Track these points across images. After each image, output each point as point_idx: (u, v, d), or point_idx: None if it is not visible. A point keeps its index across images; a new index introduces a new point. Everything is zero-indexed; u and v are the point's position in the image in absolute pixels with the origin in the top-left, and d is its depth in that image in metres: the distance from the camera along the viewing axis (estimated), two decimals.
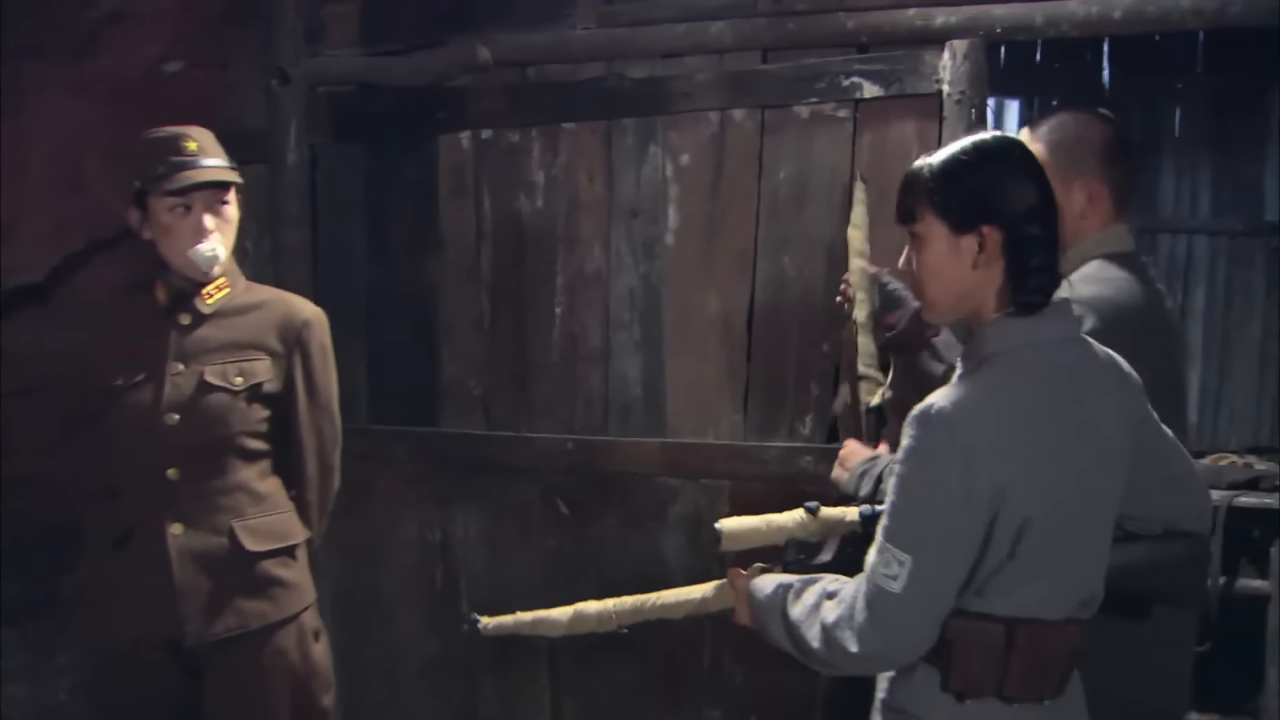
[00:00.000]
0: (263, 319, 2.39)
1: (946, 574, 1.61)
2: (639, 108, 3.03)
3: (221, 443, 2.31)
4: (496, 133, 3.18)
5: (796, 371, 2.96)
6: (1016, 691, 1.64)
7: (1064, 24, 2.69)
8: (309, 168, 3.28)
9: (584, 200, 3.10)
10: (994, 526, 1.59)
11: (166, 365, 2.29)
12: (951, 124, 2.75)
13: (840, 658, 1.66)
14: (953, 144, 1.71)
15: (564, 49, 3.07)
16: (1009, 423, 1.59)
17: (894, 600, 1.59)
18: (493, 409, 3.22)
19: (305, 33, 3.22)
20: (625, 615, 2.05)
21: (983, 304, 1.67)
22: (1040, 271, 1.63)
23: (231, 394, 2.31)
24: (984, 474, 1.56)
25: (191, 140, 2.29)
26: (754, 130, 2.96)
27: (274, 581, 2.35)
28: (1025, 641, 1.62)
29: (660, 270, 3.06)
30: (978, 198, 1.64)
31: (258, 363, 2.35)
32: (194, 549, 2.27)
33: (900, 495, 1.62)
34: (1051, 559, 1.63)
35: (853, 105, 2.88)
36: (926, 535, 1.59)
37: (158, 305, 2.34)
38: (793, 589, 1.78)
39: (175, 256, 2.29)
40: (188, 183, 2.25)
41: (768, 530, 1.99)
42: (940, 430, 1.58)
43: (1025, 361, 1.63)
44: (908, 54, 2.81)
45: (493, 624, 2.12)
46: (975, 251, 1.63)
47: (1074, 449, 1.62)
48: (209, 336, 2.33)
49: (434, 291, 3.28)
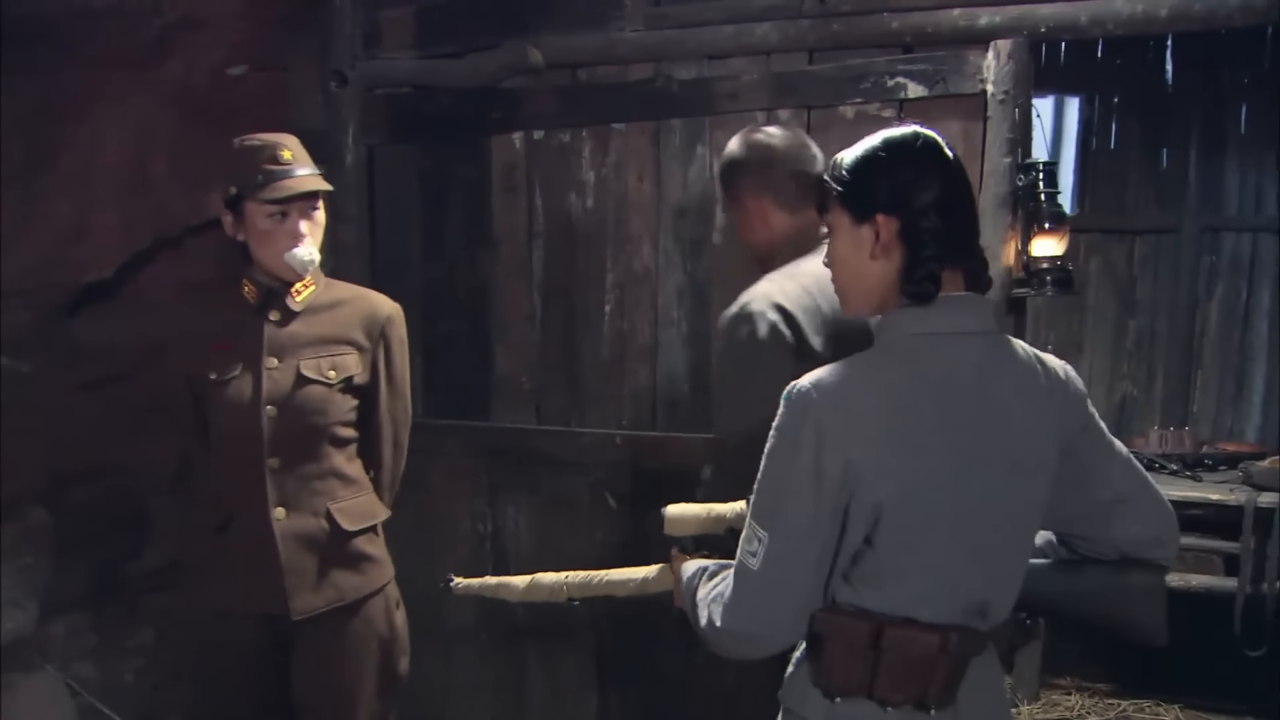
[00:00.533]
0: (348, 315, 2.52)
1: (800, 552, 1.58)
2: (687, 108, 3.08)
3: (317, 432, 2.45)
4: (548, 133, 3.24)
5: None
6: (887, 695, 1.62)
7: (1109, 23, 2.70)
8: (366, 167, 3.38)
9: (633, 199, 3.16)
10: (849, 509, 1.57)
11: (261, 360, 2.40)
12: (996, 124, 2.78)
13: (712, 635, 1.68)
14: (866, 138, 1.69)
15: (613, 51, 3.12)
16: (868, 407, 1.56)
17: (752, 577, 1.60)
18: (543, 404, 3.29)
19: (362, 37, 3.32)
20: (575, 588, 2.16)
21: (886, 296, 1.65)
22: (929, 262, 1.59)
23: (327, 386, 2.44)
24: (834, 453, 1.54)
25: (286, 149, 2.40)
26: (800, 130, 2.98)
27: (364, 557, 2.52)
28: (894, 642, 1.59)
29: (707, 268, 3.11)
30: (875, 188, 1.63)
31: (347, 356, 2.48)
32: (296, 531, 2.42)
33: (763, 471, 1.62)
34: (917, 553, 1.60)
35: (897, 105, 2.91)
36: (780, 513, 1.58)
37: (244, 302, 2.44)
38: (707, 571, 1.80)
39: (271, 259, 2.40)
40: (288, 193, 2.36)
41: (707, 518, 2.04)
42: (798, 408, 1.57)
43: (906, 351, 1.61)
44: (952, 54, 2.83)
45: (463, 584, 2.28)
46: (872, 241, 1.62)
47: (946, 442, 1.58)
48: (299, 332, 2.45)
49: (487, 288, 3.35)
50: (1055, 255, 2.73)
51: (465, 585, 2.31)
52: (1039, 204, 2.73)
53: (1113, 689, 4.17)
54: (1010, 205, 2.78)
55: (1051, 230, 2.72)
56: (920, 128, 1.69)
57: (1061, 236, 2.72)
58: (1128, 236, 5.37)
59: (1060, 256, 2.73)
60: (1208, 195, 5.16)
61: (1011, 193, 2.77)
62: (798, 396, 1.58)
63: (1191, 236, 5.21)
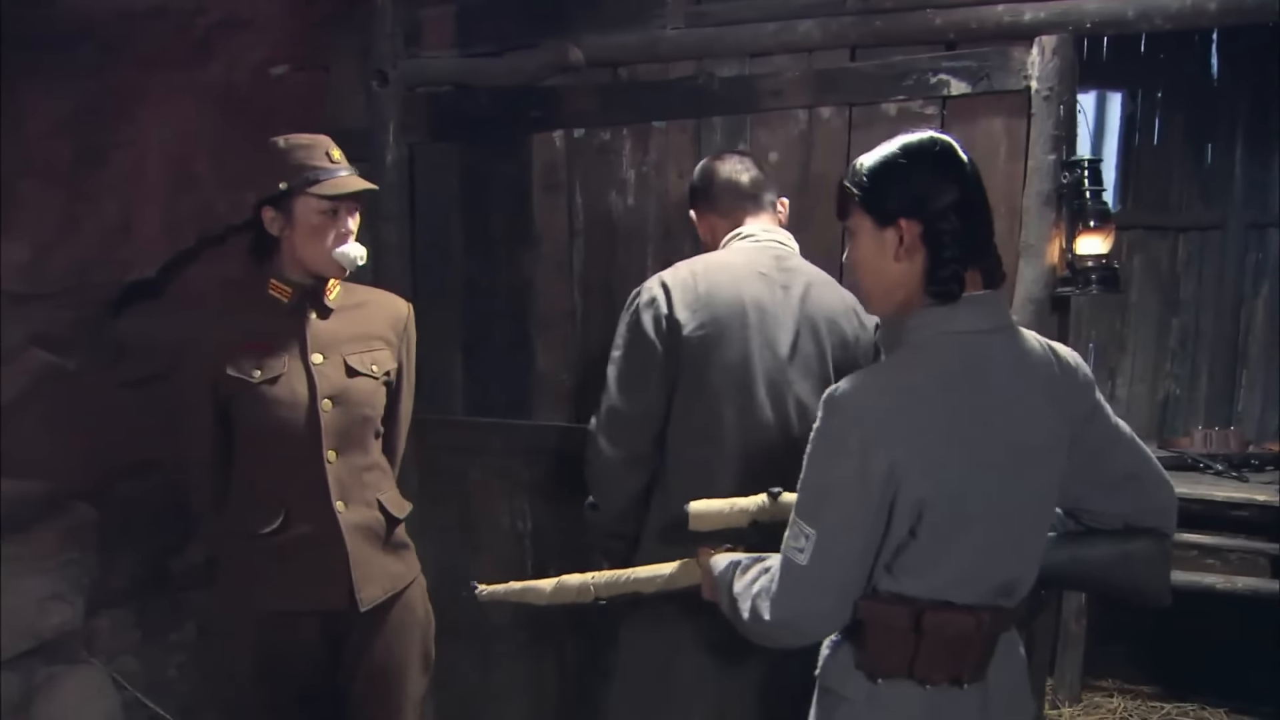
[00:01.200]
0: (375, 314, 2.57)
1: (848, 547, 1.68)
2: (728, 106, 3.06)
3: (368, 424, 2.50)
4: (588, 131, 3.23)
5: None
6: (927, 674, 1.73)
7: (1157, 17, 2.66)
8: (407, 166, 3.38)
9: (674, 197, 3.14)
10: (894, 505, 1.66)
11: (308, 356, 2.43)
12: (1040, 121, 2.75)
13: (759, 626, 1.77)
14: (884, 144, 1.78)
15: (654, 49, 3.11)
16: (906, 406, 1.66)
17: (800, 571, 1.70)
18: (583, 402, 3.28)
19: (403, 35, 3.32)
20: (602, 587, 2.21)
21: (909, 296, 1.74)
22: (953, 263, 1.69)
23: (373, 379, 2.49)
24: (878, 454, 1.63)
25: (335, 149, 2.45)
26: (842, 128, 2.98)
27: (404, 545, 2.61)
28: (934, 625, 1.70)
29: None
30: (897, 193, 1.71)
31: (382, 352, 2.54)
32: (356, 523, 2.46)
33: (807, 472, 1.72)
34: (956, 541, 1.69)
35: (940, 102, 2.88)
36: (828, 510, 1.68)
37: (274, 301, 2.46)
38: (740, 565, 1.90)
39: (317, 255, 2.42)
40: (345, 190, 2.39)
41: (731, 513, 2.13)
42: (839, 412, 1.68)
43: (935, 349, 1.70)
44: (995, 50, 2.80)
45: (487, 591, 2.33)
46: (896, 244, 1.71)
47: (977, 436, 1.67)
48: (337, 330, 2.49)
49: (527, 286, 3.35)
50: (1100, 253, 2.70)
51: (490, 592, 2.35)
52: (1084, 201, 2.69)
53: (1156, 691, 4.14)
54: (1054, 203, 2.75)
55: (1097, 228, 2.68)
56: (936, 132, 1.78)
57: (1107, 234, 2.69)
58: (1171, 233, 5.32)
59: (1105, 255, 2.70)
60: (1253, 191, 5.11)
61: (1055, 190, 2.74)
62: (841, 399, 1.68)
63: (1237, 233, 5.16)
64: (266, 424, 2.41)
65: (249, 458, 2.47)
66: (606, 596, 2.23)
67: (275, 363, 2.41)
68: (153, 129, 3.13)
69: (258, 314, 2.46)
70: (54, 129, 2.92)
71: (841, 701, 1.81)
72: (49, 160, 2.94)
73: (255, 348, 2.42)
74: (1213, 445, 4.09)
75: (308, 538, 2.41)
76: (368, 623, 2.48)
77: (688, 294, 2.44)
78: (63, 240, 3.03)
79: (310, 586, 2.42)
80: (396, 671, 2.54)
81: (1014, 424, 1.70)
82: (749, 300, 2.44)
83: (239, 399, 2.41)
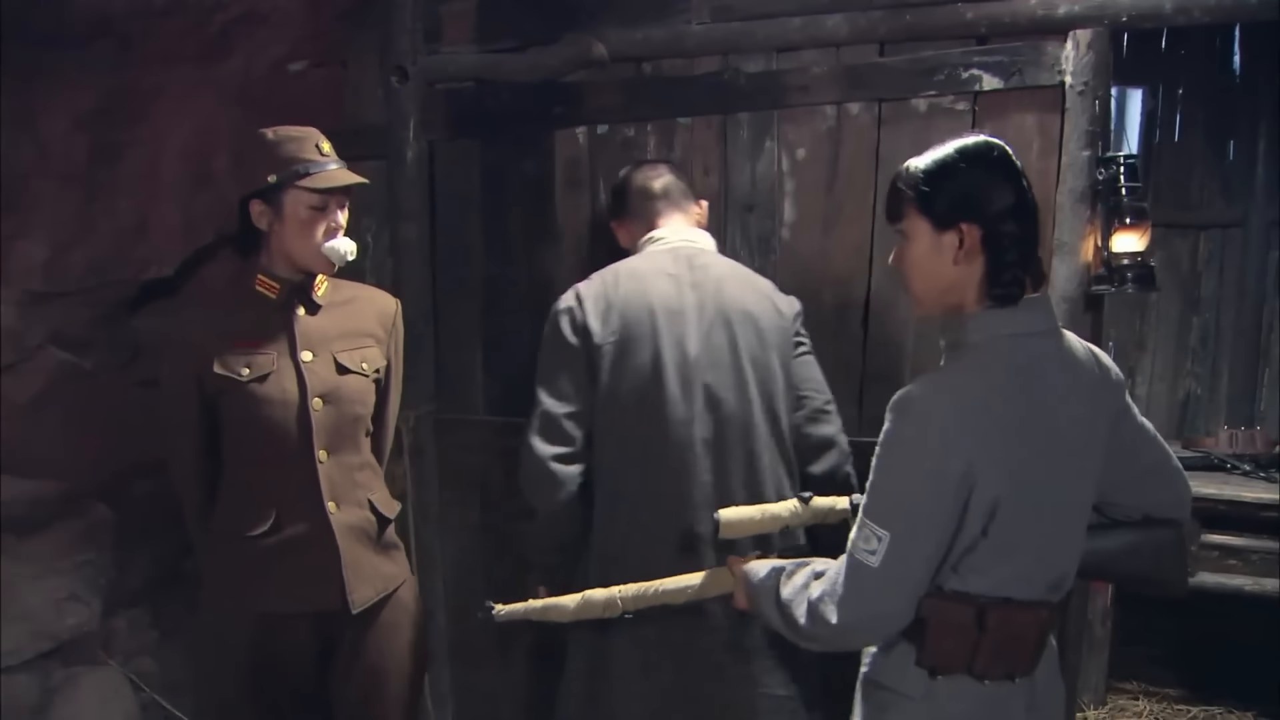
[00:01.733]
0: (363, 310, 2.53)
1: (921, 549, 1.71)
2: (754, 102, 3.02)
3: (359, 422, 2.47)
4: (611, 127, 3.19)
5: (913, 367, 2.93)
6: (986, 670, 1.76)
7: (1195, 10, 2.62)
8: (427, 163, 3.33)
9: (699, 194, 3.08)
10: (968, 505, 1.69)
11: (298, 353, 2.39)
12: (1074, 116, 2.71)
13: (822, 630, 1.76)
14: (938, 146, 1.79)
15: (679, 44, 3.06)
16: (978, 407, 1.68)
17: (871, 574, 1.71)
18: None
19: (423, 31, 3.27)
20: (630, 601, 2.17)
21: (964, 298, 1.77)
22: (1014, 266, 1.73)
23: (363, 377, 2.45)
24: (954, 455, 1.66)
25: (325, 141, 2.40)
26: (871, 124, 2.94)
27: (395, 545, 2.57)
28: (996, 622, 1.73)
29: (775, 265, 3.05)
30: (957, 197, 1.74)
31: (371, 349, 2.50)
32: (348, 523, 2.42)
33: (879, 475, 1.74)
34: (1022, 540, 1.73)
35: (971, 98, 2.84)
36: (902, 513, 1.70)
37: (260, 298, 2.41)
38: (785, 571, 1.90)
39: (306, 250, 2.37)
40: (335, 183, 2.35)
41: (763, 519, 2.14)
42: (914, 416, 1.70)
43: (999, 351, 1.73)
44: (1028, 45, 2.76)
45: (505, 610, 2.27)
46: (955, 248, 1.74)
47: (1042, 434, 1.71)
48: (326, 327, 2.45)
49: (550, 284, 3.29)
50: (1137, 251, 2.66)
51: (508, 612, 2.29)
52: (1120, 198, 2.65)
53: (1181, 694, 4.09)
54: (1089, 200, 2.71)
55: (1133, 225, 2.64)
56: (989, 136, 1.80)
57: (1144, 232, 2.65)
58: (1192, 231, 5.27)
59: (1142, 252, 2.66)
60: (1275, 189, 5.05)
61: (1090, 187, 2.70)
62: (913, 402, 1.71)
63: (1259, 231, 5.11)
64: (256, 423, 2.36)
65: (238, 458, 2.42)
66: (634, 610, 2.20)
67: (264, 360, 2.37)
68: (170, 126, 3.11)
69: (245, 311, 2.42)
70: (70, 126, 2.90)
71: (897, 698, 1.83)
72: (65, 158, 2.92)
73: (243, 345, 2.37)
74: (1238, 445, 4.04)
75: (299, 539, 2.37)
76: (360, 624, 2.45)
77: (600, 303, 2.52)
78: (79, 239, 3.01)
79: (302, 588, 2.38)
80: (391, 673, 2.51)
81: (1068, 423, 1.75)
82: (656, 303, 2.50)
83: (227, 398, 2.37)
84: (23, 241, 2.89)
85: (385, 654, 2.50)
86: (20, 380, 3.03)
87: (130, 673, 3.41)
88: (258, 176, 2.36)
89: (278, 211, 2.36)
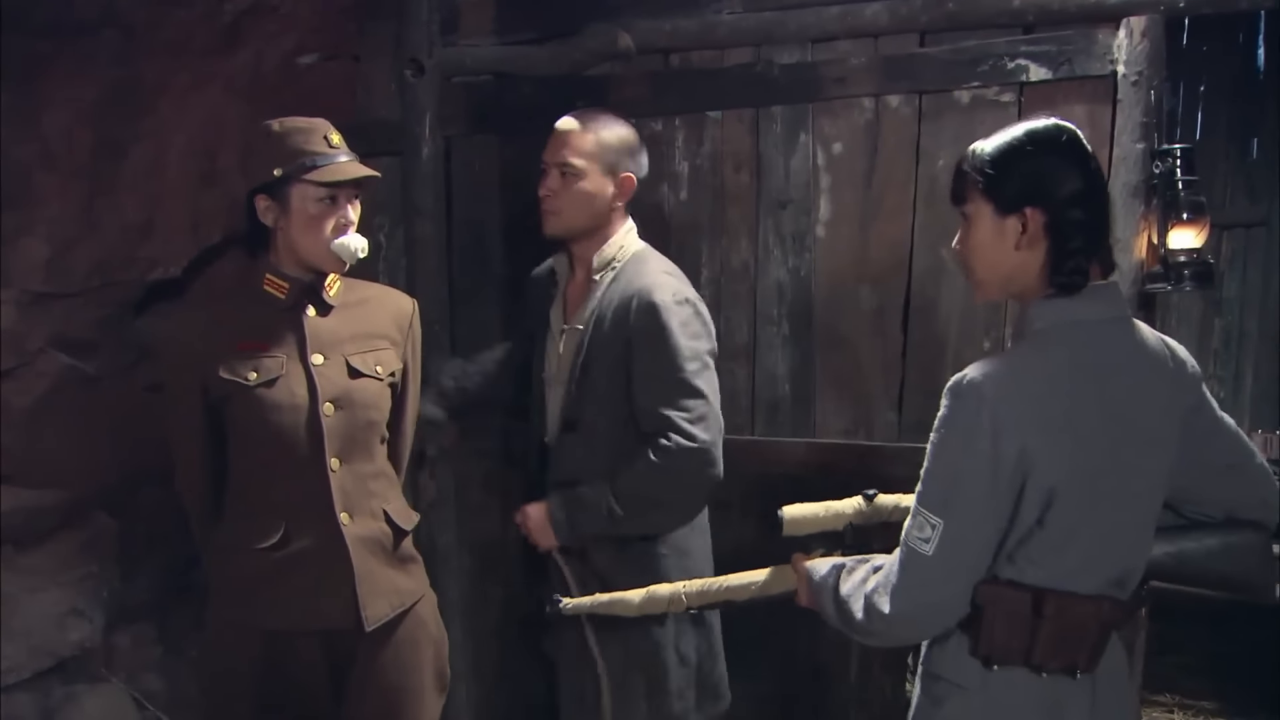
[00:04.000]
0: (378, 311, 2.43)
1: (976, 537, 1.70)
2: (789, 94, 2.93)
3: (373, 429, 2.36)
4: (638, 122, 3.02)
5: (955, 368, 2.78)
6: (1044, 661, 1.73)
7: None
8: (443, 159, 3.23)
9: (730, 191, 3.02)
10: (1023, 493, 1.67)
11: (308, 356, 2.27)
12: (1127, 108, 2.63)
13: (877, 622, 1.74)
14: (1005, 129, 1.77)
15: (710, 34, 2.96)
16: (1037, 394, 1.66)
17: (926, 562, 1.70)
18: None
19: (439, 22, 3.16)
20: (694, 597, 2.16)
21: (1027, 284, 1.75)
22: (1078, 254, 1.70)
23: (377, 381, 2.35)
24: (1010, 442, 1.64)
25: (335, 132, 2.29)
26: (911, 117, 2.85)
27: (412, 558, 2.46)
28: (1053, 611, 1.70)
29: (811, 263, 2.96)
30: (1022, 181, 1.71)
31: (386, 352, 2.39)
32: (362, 536, 2.31)
33: (933, 461, 1.72)
34: (1081, 531, 1.70)
35: (1017, 89, 2.75)
36: (957, 499, 1.68)
37: (269, 298, 2.31)
38: (845, 567, 1.89)
39: (314, 247, 2.26)
40: (343, 176, 2.24)
41: (826, 516, 2.10)
42: (969, 399, 1.68)
43: (1062, 339, 1.71)
44: (1079, 33, 2.67)
45: (572, 604, 2.25)
46: (1019, 233, 1.72)
47: (1104, 425, 1.68)
48: (338, 328, 2.34)
49: None
50: (1194, 248, 2.56)
51: (575, 605, 2.25)
52: (1176, 193, 2.56)
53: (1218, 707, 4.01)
54: (1143, 194, 2.62)
55: (1191, 221, 2.55)
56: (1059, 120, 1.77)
57: (1202, 228, 2.56)
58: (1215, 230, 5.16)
59: (1199, 249, 2.57)
60: None
61: (1145, 181, 2.61)
62: (968, 386, 1.69)
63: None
64: (264, 430, 2.25)
65: (245, 467, 2.31)
66: (698, 606, 2.18)
67: (272, 364, 2.26)
68: (177, 120, 3.03)
69: (252, 311, 2.31)
70: (74, 120, 2.82)
71: (954, 689, 1.81)
72: (69, 153, 2.84)
73: (250, 348, 2.26)
74: (1273, 450, 3.95)
75: (309, 552, 2.26)
76: (374, 642, 2.33)
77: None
78: (83, 237, 2.93)
79: (313, 604, 2.27)
80: (408, 692, 2.40)
81: (1136, 413, 1.72)
82: None
83: (233, 404, 2.25)
84: (24, 239, 2.80)
85: (403, 673, 2.39)
86: (21, 385, 2.94)
87: (134, 691, 3.31)
88: (263, 170, 2.26)
89: (284, 207, 2.26)
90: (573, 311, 2.63)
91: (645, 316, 2.44)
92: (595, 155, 2.56)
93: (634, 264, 2.57)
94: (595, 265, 2.58)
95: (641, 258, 2.59)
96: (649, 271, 2.53)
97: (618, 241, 2.60)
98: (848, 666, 3.00)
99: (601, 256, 2.58)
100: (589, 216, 2.58)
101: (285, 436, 2.25)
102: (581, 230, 2.59)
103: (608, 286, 2.55)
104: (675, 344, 2.43)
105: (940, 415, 1.72)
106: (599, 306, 2.53)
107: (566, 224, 2.59)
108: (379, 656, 2.35)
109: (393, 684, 2.37)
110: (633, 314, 2.45)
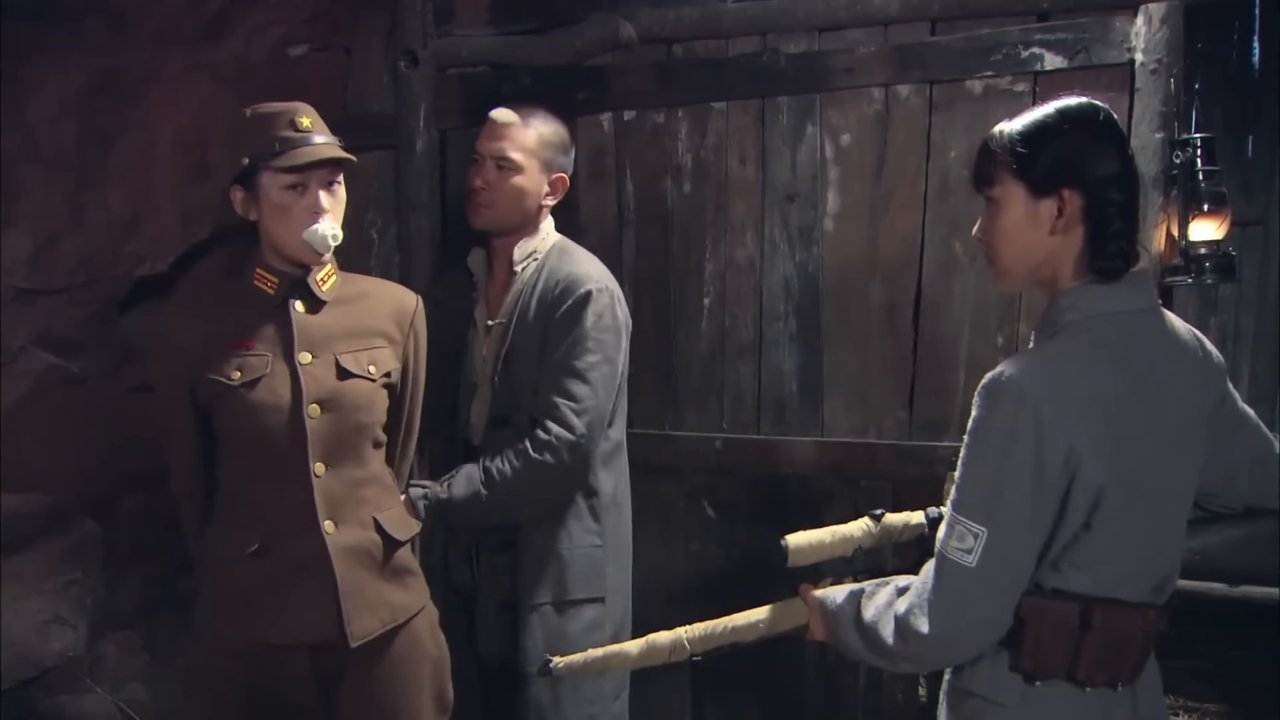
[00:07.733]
0: (376, 307, 2.32)
1: (1023, 544, 1.60)
2: (795, 85, 2.87)
3: (363, 432, 2.24)
4: (640, 113, 3.04)
5: (967, 365, 2.77)
6: (1089, 675, 1.64)
7: None
8: (438, 153, 3.16)
9: (735, 184, 2.95)
10: (1069, 495, 1.58)
11: (294, 355, 2.17)
12: (1145, 96, 2.58)
13: (914, 645, 1.64)
14: (1035, 108, 1.69)
15: (714, 23, 2.90)
16: (1079, 390, 1.58)
17: (969, 575, 1.59)
18: (635, 405, 3.05)
19: (434, 12, 3.10)
20: (697, 643, 1.99)
21: (1058, 272, 1.67)
22: (1120, 237, 1.62)
23: (370, 381, 2.23)
24: (1055, 441, 1.55)
25: (304, 116, 2.17)
26: (922, 107, 2.79)
27: (408, 571, 2.33)
28: (1102, 622, 1.62)
29: (818, 257, 2.90)
30: (1060, 160, 1.63)
31: (382, 350, 2.28)
32: (348, 545, 2.20)
33: (971, 466, 1.62)
34: (1128, 534, 1.62)
35: (1032, 78, 2.70)
36: (1000, 505, 1.58)
37: (258, 293, 2.21)
38: (864, 593, 1.79)
39: (287, 238, 2.16)
40: (308, 159, 2.12)
41: (834, 541, 1.99)
42: (1008, 399, 1.58)
43: (1100, 330, 1.63)
44: (1095, 20, 2.62)
45: (563, 663, 2.05)
46: (1054, 216, 1.63)
47: (1147, 420, 1.62)
48: (330, 324, 2.23)
49: None
50: (1215, 240, 2.50)
51: (567, 664, 2.05)
52: (1197, 183, 2.50)
53: (1224, 709, 3.95)
54: (1162, 185, 2.56)
55: (1212, 212, 2.49)
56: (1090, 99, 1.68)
57: (1223, 219, 2.50)
58: None
59: (1220, 241, 2.50)
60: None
61: (1164, 172, 2.55)
62: (1006, 385, 1.58)
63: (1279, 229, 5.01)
64: (246, 432, 2.15)
65: (230, 471, 2.21)
66: (703, 651, 2.00)
67: (257, 363, 2.15)
68: (164, 111, 2.98)
69: (241, 309, 2.21)
70: (59, 111, 2.79)
71: (990, 706, 1.71)
72: (53, 144, 2.81)
73: (237, 346, 2.17)
74: None
75: (292, 561, 2.15)
76: (364, 659, 2.21)
77: None
78: (68, 231, 2.89)
79: (296, 616, 2.15)
80: (403, 713, 2.27)
81: (1172, 408, 1.65)
82: None
83: (219, 404, 2.15)
84: (7, 233, 2.75)
85: (397, 694, 2.26)
86: (3, 385, 2.88)
87: (120, 701, 3.23)
88: (236, 160, 2.17)
89: (255, 197, 2.16)
90: (495, 307, 2.63)
91: (565, 303, 2.48)
92: (534, 151, 2.58)
93: (556, 253, 2.61)
94: (516, 258, 2.61)
95: (563, 248, 2.63)
96: (573, 260, 2.58)
97: (540, 234, 2.63)
98: (857, 672, 2.93)
99: (523, 249, 2.61)
100: (521, 212, 2.60)
101: (267, 439, 2.14)
102: (512, 226, 2.61)
103: (529, 277, 2.58)
104: (583, 332, 2.46)
105: (975, 416, 1.62)
106: (521, 297, 2.56)
107: (498, 218, 2.60)
108: (370, 675, 2.24)
109: (386, 705, 2.25)
110: (554, 301, 2.49)
